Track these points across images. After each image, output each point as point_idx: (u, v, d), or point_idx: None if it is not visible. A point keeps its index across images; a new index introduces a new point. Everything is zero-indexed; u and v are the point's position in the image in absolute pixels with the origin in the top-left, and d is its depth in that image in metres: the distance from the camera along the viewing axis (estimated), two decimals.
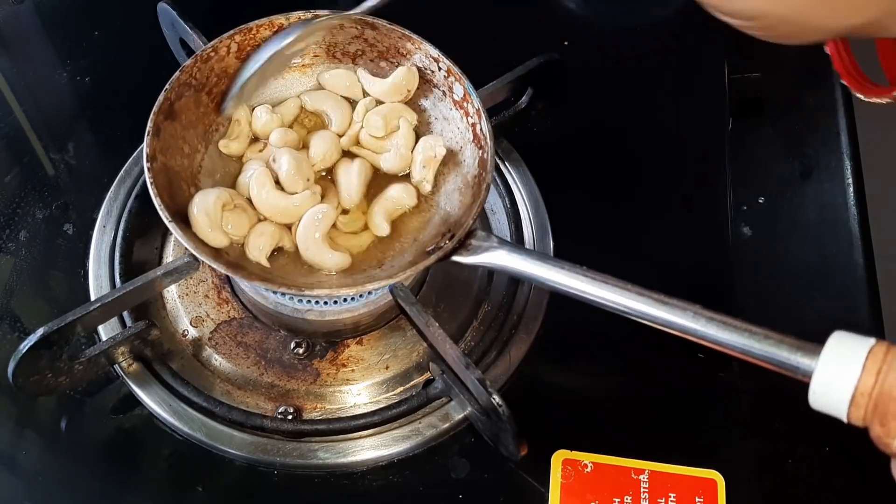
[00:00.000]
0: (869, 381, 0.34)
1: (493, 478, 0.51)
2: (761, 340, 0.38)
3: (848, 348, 0.36)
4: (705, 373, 0.55)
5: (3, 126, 0.67)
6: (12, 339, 0.55)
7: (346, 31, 0.55)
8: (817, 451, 0.51)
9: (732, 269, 0.60)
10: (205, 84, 0.53)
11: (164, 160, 0.50)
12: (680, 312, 0.41)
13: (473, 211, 0.48)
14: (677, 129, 0.67)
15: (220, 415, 0.51)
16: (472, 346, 0.56)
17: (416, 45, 0.54)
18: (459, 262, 0.48)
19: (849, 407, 0.35)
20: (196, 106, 0.53)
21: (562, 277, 0.44)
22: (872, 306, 0.57)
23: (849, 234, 0.60)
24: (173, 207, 0.48)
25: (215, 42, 0.53)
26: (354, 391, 0.55)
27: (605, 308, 0.43)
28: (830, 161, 0.64)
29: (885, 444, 0.35)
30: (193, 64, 0.52)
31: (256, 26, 0.54)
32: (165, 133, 0.50)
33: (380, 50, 0.55)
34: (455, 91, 0.53)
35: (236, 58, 0.54)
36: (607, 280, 0.43)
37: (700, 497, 0.49)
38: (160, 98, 0.50)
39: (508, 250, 0.47)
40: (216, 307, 0.57)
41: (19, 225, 0.61)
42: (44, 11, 0.75)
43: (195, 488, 0.51)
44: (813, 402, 0.36)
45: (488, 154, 0.50)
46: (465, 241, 0.48)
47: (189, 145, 0.52)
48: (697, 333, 0.40)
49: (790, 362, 0.37)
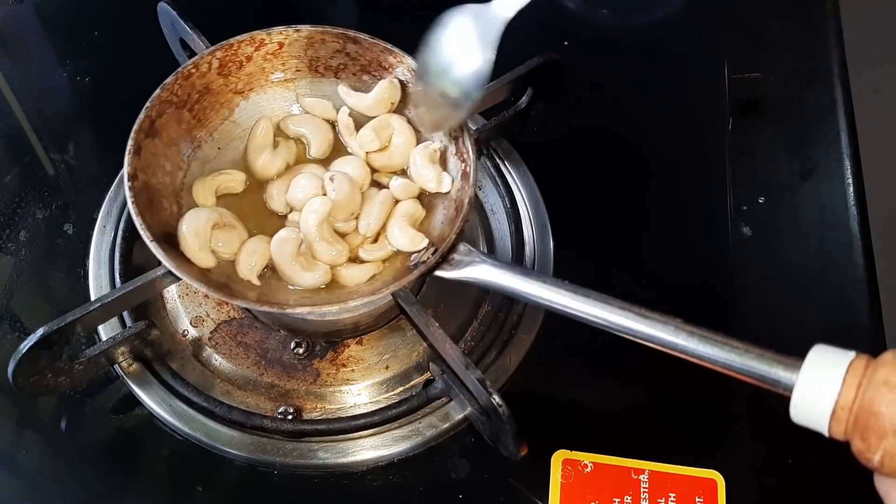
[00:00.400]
0: (849, 396, 0.34)
1: (493, 478, 0.51)
2: (742, 354, 0.39)
3: (828, 362, 0.36)
4: (705, 373, 0.55)
5: (3, 126, 0.67)
6: (12, 339, 0.56)
7: (328, 46, 0.55)
8: (817, 452, 0.51)
9: (732, 269, 0.60)
10: (186, 101, 0.53)
11: (145, 178, 0.50)
12: (661, 327, 0.41)
13: (456, 225, 0.48)
14: (677, 129, 0.67)
15: (220, 415, 0.51)
16: (472, 346, 0.56)
17: (398, 58, 0.54)
18: (442, 278, 0.48)
19: (829, 421, 0.35)
20: (178, 123, 0.53)
21: (543, 292, 0.45)
22: (872, 306, 0.57)
23: (849, 234, 0.60)
24: (155, 226, 0.48)
25: (196, 59, 0.53)
26: (354, 391, 0.55)
27: (587, 322, 0.43)
28: (830, 161, 0.64)
29: (866, 459, 0.34)
30: (174, 81, 0.52)
31: (238, 42, 0.54)
32: (146, 151, 0.50)
33: (362, 64, 0.55)
34: None
35: (218, 74, 0.54)
36: (589, 295, 0.43)
37: (700, 497, 0.49)
38: (140, 116, 0.50)
39: (490, 265, 0.47)
40: (216, 307, 0.57)
41: (19, 225, 0.61)
42: (44, 11, 0.75)
43: (195, 488, 0.51)
44: (794, 417, 0.36)
45: (471, 167, 0.50)
46: (448, 256, 0.48)
47: (171, 162, 0.52)
48: (678, 348, 0.40)
49: (771, 376, 0.37)
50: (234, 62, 0.54)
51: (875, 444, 0.34)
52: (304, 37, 0.55)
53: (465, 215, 0.48)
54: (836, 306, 0.58)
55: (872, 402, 0.33)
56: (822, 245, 0.60)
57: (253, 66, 0.55)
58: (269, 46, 0.55)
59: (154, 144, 0.51)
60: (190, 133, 0.53)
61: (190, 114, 0.53)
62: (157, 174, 0.51)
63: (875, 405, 0.33)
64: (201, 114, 0.54)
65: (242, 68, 0.55)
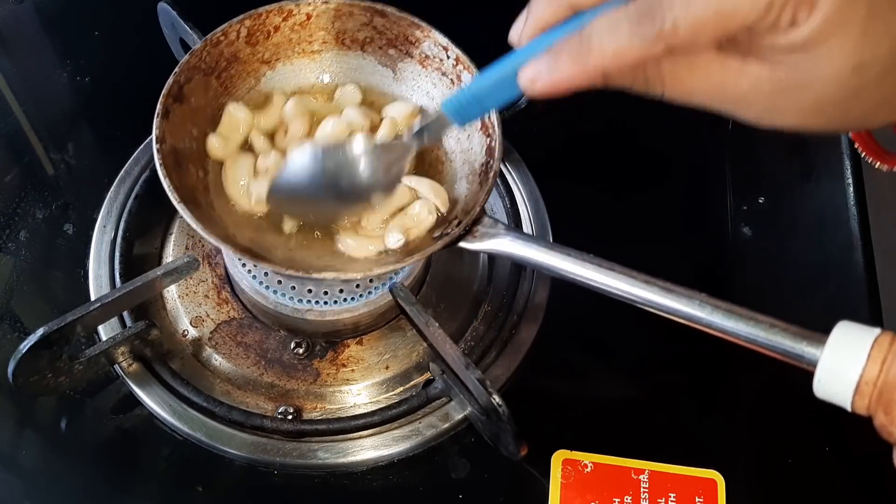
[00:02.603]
0: (874, 370, 0.35)
1: (493, 478, 0.51)
2: (767, 329, 0.39)
3: (853, 338, 0.36)
4: (705, 373, 0.55)
5: (3, 126, 0.67)
6: (12, 339, 0.55)
7: (356, 18, 0.55)
8: (817, 452, 0.51)
9: (732, 269, 0.60)
10: (214, 68, 0.53)
11: (172, 142, 0.50)
12: (686, 301, 0.41)
13: (481, 198, 0.49)
14: (677, 129, 0.67)
15: (220, 415, 0.51)
16: (472, 346, 0.56)
17: (426, 33, 0.54)
18: (466, 249, 0.48)
19: (853, 396, 0.35)
20: (205, 90, 0.53)
21: (567, 265, 0.44)
22: (872, 306, 0.57)
23: (849, 234, 0.60)
24: (182, 190, 0.48)
25: (225, 26, 0.53)
26: (354, 391, 0.55)
27: (611, 295, 0.43)
28: (830, 161, 0.64)
29: (888, 433, 0.35)
30: (203, 48, 0.52)
31: (266, 12, 0.54)
32: (174, 115, 0.50)
33: (388, 38, 0.55)
34: (464, 79, 0.53)
35: (245, 43, 0.54)
36: (613, 267, 0.43)
37: (700, 497, 0.49)
38: (169, 81, 0.50)
39: (514, 237, 0.47)
40: (216, 307, 0.57)
41: (19, 225, 0.61)
42: (44, 11, 0.75)
43: (195, 488, 0.51)
44: (817, 391, 0.37)
45: (496, 142, 0.50)
46: (472, 228, 0.48)
47: (197, 128, 0.52)
48: (703, 322, 0.40)
49: (795, 351, 0.37)
50: (262, 31, 0.54)
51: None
52: (332, 8, 0.55)
53: (489, 188, 0.49)
54: (836, 306, 0.58)
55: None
56: (822, 245, 0.60)
57: (280, 37, 0.55)
58: (297, 17, 0.55)
59: (181, 109, 0.51)
60: (217, 100, 0.54)
61: (217, 81, 0.54)
62: (183, 139, 0.51)
63: None
64: (228, 82, 0.54)
65: (270, 38, 0.55)
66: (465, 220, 0.48)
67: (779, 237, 0.61)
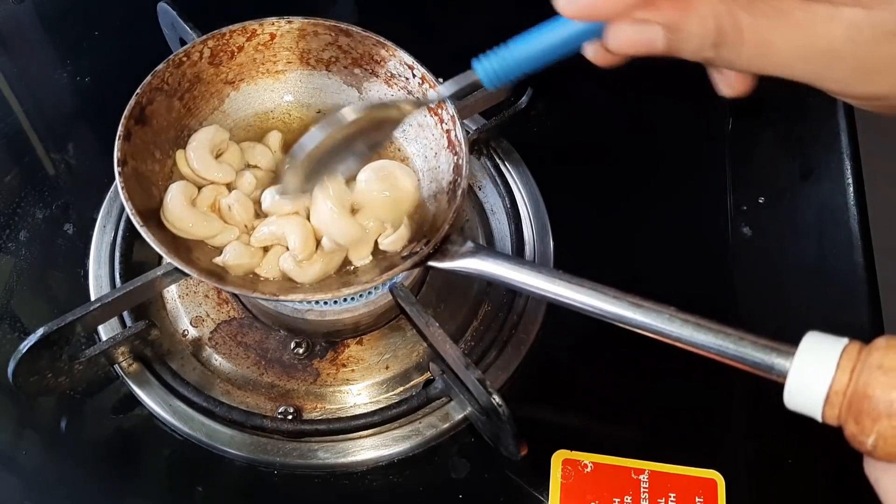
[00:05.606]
0: (843, 380, 0.34)
1: (493, 478, 0.51)
2: (736, 342, 0.39)
3: (822, 348, 0.36)
4: (705, 373, 0.55)
5: (3, 126, 0.67)
6: (12, 339, 0.55)
7: (320, 38, 0.55)
8: (817, 452, 0.51)
9: (732, 269, 0.60)
10: (177, 89, 0.53)
11: (134, 165, 0.50)
12: (656, 315, 0.41)
13: (449, 216, 0.48)
14: (677, 130, 0.67)
15: (220, 415, 0.51)
16: (472, 346, 0.56)
17: (391, 52, 0.53)
18: (435, 268, 0.48)
19: (823, 406, 0.35)
20: (168, 111, 0.52)
21: (537, 281, 0.44)
22: (872, 306, 0.57)
23: (849, 234, 0.60)
24: (145, 212, 0.48)
25: (187, 47, 0.53)
26: (354, 391, 0.55)
27: (581, 312, 0.43)
28: (830, 161, 0.64)
29: (859, 443, 0.35)
30: (165, 68, 0.52)
31: (230, 31, 0.53)
32: (136, 138, 0.50)
33: (354, 57, 0.55)
34: (430, 97, 0.53)
35: (209, 63, 0.54)
36: (583, 284, 0.43)
37: (700, 497, 0.49)
38: (131, 102, 0.50)
39: (483, 255, 0.47)
40: (216, 307, 0.57)
41: (19, 225, 0.61)
42: (44, 11, 0.75)
43: (195, 488, 0.51)
44: (788, 402, 0.37)
45: (463, 160, 0.50)
46: (441, 246, 0.48)
47: (160, 150, 0.52)
48: (672, 335, 0.41)
49: (765, 363, 0.37)
50: (226, 52, 0.54)
51: (869, 427, 0.34)
52: (296, 28, 0.54)
53: (457, 206, 0.49)
54: (836, 306, 0.58)
55: (867, 385, 0.34)
56: (822, 245, 0.60)
57: (244, 57, 0.55)
58: (261, 37, 0.55)
59: (144, 131, 0.51)
60: (180, 122, 0.53)
61: (180, 102, 0.53)
62: (146, 161, 0.51)
63: (869, 388, 0.34)
64: (192, 103, 0.54)
65: (234, 58, 0.55)
66: (433, 239, 0.48)
67: (779, 237, 0.61)
